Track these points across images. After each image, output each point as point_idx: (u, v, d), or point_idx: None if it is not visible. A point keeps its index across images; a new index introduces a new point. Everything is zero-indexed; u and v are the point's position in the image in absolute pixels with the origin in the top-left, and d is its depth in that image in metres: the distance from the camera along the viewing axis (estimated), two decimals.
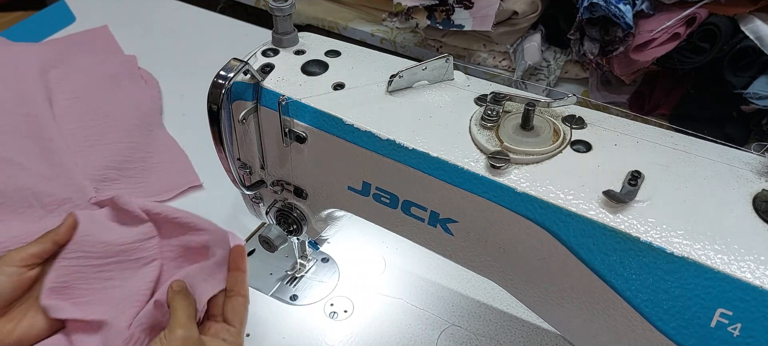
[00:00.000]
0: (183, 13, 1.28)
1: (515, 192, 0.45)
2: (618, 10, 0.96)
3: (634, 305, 0.42)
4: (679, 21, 0.96)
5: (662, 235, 0.41)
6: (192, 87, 1.04)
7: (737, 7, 0.95)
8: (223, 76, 0.53)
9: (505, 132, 0.48)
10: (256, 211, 0.68)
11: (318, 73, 0.56)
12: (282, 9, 0.56)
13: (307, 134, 0.54)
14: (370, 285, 0.72)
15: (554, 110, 0.50)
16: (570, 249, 0.43)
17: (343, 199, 0.57)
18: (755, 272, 0.38)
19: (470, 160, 0.47)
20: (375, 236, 0.78)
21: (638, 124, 0.50)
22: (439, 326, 0.68)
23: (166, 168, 0.89)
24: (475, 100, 0.52)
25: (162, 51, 1.15)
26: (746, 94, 0.94)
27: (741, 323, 0.39)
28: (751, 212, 0.42)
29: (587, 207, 0.43)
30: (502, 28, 1.13)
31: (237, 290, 0.59)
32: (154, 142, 0.93)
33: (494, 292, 0.70)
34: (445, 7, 1.11)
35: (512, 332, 0.67)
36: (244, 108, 0.56)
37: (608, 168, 0.45)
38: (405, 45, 1.26)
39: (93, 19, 1.23)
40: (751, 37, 0.93)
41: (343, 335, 0.67)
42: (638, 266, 0.41)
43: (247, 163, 0.61)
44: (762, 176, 0.44)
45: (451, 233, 0.50)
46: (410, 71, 0.53)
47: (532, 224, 0.45)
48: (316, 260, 0.75)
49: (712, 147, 0.47)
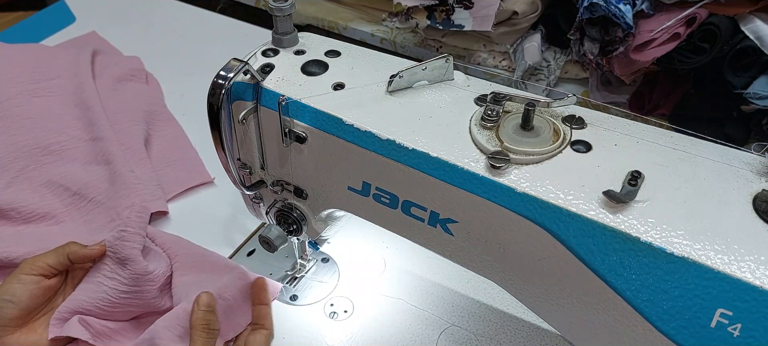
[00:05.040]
0: (183, 13, 1.28)
1: (515, 192, 0.45)
2: (618, 10, 0.96)
3: (634, 305, 0.42)
4: (679, 21, 0.96)
5: (662, 235, 0.41)
6: (192, 87, 1.04)
7: (737, 7, 0.95)
8: (223, 76, 0.53)
9: (505, 132, 0.47)
10: (256, 211, 0.68)
11: (318, 73, 0.56)
12: (282, 9, 0.56)
13: (307, 134, 0.54)
14: (370, 285, 0.72)
15: (554, 110, 0.50)
16: (570, 249, 0.43)
17: (343, 199, 0.57)
18: (755, 272, 0.38)
19: (470, 160, 0.47)
20: (375, 236, 0.78)
21: (638, 124, 0.50)
22: (439, 326, 0.68)
23: (176, 164, 0.89)
24: (475, 100, 0.52)
25: (162, 51, 1.15)
26: (746, 94, 0.94)
27: (741, 323, 0.39)
28: (751, 212, 0.42)
29: (587, 207, 0.43)
30: (502, 28, 1.13)
31: (261, 324, 0.61)
32: (161, 139, 0.94)
33: (494, 292, 0.70)
34: (445, 7, 1.11)
35: (512, 332, 0.67)
36: (244, 108, 0.56)
37: (608, 168, 0.45)
38: (405, 45, 1.26)
39: (93, 19, 1.23)
40: (751, 37, 0.93)
41: (343, 335, 0.67)
42: (638, 266, 0.41)
43: (247, 163, 0.61)
44: (762, 176, 0.44)
45: (451, 233, 0.50)
46: (410, 71, 0.53)
47: (532, 224, 0.45)
48: (316, 260, 0.75)
49: (712, 147, 0.47)
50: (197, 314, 0.57)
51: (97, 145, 0.87)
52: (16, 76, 0.94)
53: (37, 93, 0.93)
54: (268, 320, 0.61)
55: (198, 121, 0.71)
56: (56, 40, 1.16)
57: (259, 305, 0.61)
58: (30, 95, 0.93)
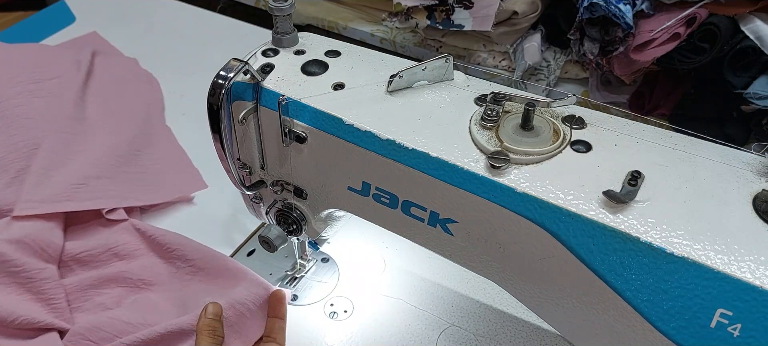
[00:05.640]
0: (183, 13, 1.28)
1: (515, 192, 0.45)
2: (618, 10, 0.96)
3: (634, 305, 0.42)
4: (679, 21, 0.96)
5: (662, 235, 0.41)
6: (192, 87, 1.04)
7: (737, 7, 0.95)
8: (223, 76, 0.53)
9: (505, 132, 0.47)
10: (256, 211, 0.68)
11: (318, 73, 0.56)
12: (282, 9, 0.56)
13: (307, 134, 0.54)
14: (370, 285, 0.72)
15: (554, 110, 0.50)
16: (570, 249, 0.43)
17: (343, 199, 0.57)
18: (755, 272, 0.38)
19: (470, 160, 0.47)
20: (375, 236, 0.78)
21: (638, 124, 0.50)
22: (439, 326, 0.68)
23: (172, 170, 0.89)
24: (475, 100, 0.52)
25: (162, 51, 1.15)
26: (746, 94, 0.94)
27: (741, 323, 0.39)
28: (751, 212, 0.42)
29: (587, 207, 0.43)
30: (502, 28, 1.13)
31: (273, 337, 0.60)
32: (159, 143, 0.93)
33: (494, 292, 0.70)
34: (445, 7, 1.11)
35: (512, 332, 0.67)
36: (244, 108, 0.56)
37: (608, 168, 0.45)
38: (405, 45, 1.26)
39: (93, 19, 1.23)
40: (751, 37, 0.93)
41: (343, 335, 0.67)
42: (638, 266, 0.41)
43: (247, 163, 0.61)
44: (762, 176, 0.44)
45: (451, 233, 0.50)
46: (410, 71, 0.53)
47: (532, 224, 0.45)
48: (316, 260, 0.75)
49: (712, 147, 0.47)
50: (204, 320, 0.58)
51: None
52: (16, 76, 0.94)
53: (37, 93, 0.93)
54: (281, 334, 0.61)
55: (198, 121, 0.71)
56: (56, 40, 1.16)
57: (274, 318, 0.61)
58: (30, 95, 0.92)
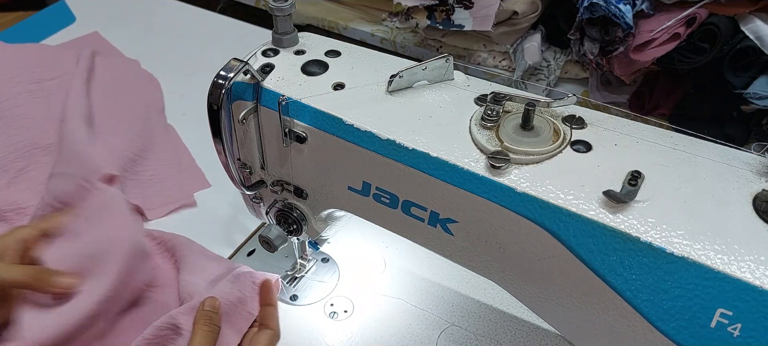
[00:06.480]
0: (183, 13, 1.28)
1: (515, 192, 0.45)
2: (618, 10, 0.96)
3: (634, 305, 0.42)
4: (679, 21, 0.96)
5: (662, 235, 0.41)
6: (192, 87, 1.04)
7: (737, 7, 0.95)
8: (223, 76, 0.53)
9: (505, 132, 0.47)
10: (256, 211, 0.68)
11: (318, 73, 0.56)
12: (282, 9, 0.56)
13: (307, 134, 0.54)
14: (370, 285, 0.72)
15: (554, 110, 0.50)
16: (570, 249, 0.43)
17: (343, 199, 0.57)
18: (755, 272, 0.38)
19: (470, 160, 0.47)
20: (375, 236, 0.78)
21: (638, 124, 0.50)
22: (439, 326, 0.68)
23: (176, 171, 0.89)
24: (475, 100, 0.52)
25: (162, 51, 1.15)
26: (746, 94, 0.94)
27: (741, 323, 0.39)
28: (751, 212, 0.42)
29: (587, 207, 0.43)
30: (502, 28, 1.13)
31: (266, 323, 0.61)
32: (163, 144, 0.93)
33: (494, 292, 0.70)
34: (445, 7, 1.11)
35: (512, 332, 0.67)
36: (244, 108, 0.56)
37: (608, 168, 0.45)
38: (405, 45, 1.26)
39: (93, 19, 1.23)
40: (751, 37, 0.93)
41: (343, 335, 0.67)
42: (638, 266, 0.41)
43: (247, 163, 0.61)
44: (762, 176, 0.44)
45: (451, 233, 0.50)
46: (410, 71, 0.53)
47: (532, 224, 0.45)
48: (316, 260, 0.75)
49: (712, 147, 0.47)
50: (201, 312, 0.59)
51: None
52: (16, 76, 0.94)
53: (37, 93, 0.93)
54: (274, 320, 0.61)
55: (198, 121, 0.71)
56: (56, 40, 1.16)
57: (266, 305, 0.62)
58: (30, 95, 0.92)
